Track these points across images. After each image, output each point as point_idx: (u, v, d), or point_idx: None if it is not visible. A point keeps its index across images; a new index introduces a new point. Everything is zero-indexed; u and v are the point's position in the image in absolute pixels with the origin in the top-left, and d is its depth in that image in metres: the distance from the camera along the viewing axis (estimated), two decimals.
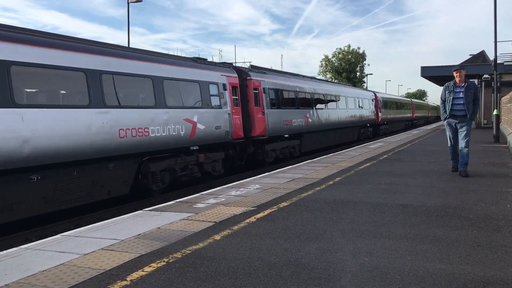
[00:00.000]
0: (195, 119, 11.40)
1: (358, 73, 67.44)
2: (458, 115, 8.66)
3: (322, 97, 20.95)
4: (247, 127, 14.22)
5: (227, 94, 13.15)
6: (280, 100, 16.60)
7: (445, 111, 8.81)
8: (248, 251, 4.11)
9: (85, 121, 8.35)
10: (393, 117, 37.52)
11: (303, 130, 18.20)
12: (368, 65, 71.34)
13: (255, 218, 5.45)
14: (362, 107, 28.04)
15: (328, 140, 21.73)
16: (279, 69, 29.48)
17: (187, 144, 11.14)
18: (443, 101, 8.89)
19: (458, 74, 8.69)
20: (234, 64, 16.26)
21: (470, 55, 41.13)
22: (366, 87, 60.46)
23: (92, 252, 4.20)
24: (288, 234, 4.68)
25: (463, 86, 8.63)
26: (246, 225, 5.10)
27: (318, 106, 20.23)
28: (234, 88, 13.69)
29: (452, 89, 8.72)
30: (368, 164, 10.99)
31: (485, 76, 28.19)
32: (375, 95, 32.64)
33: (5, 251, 4.39)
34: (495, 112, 18.84)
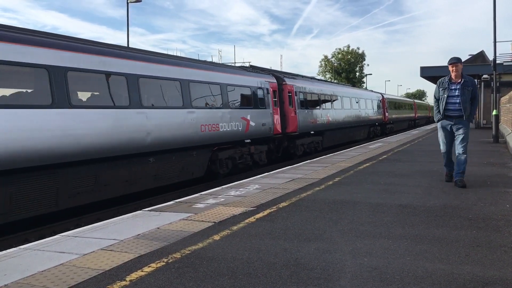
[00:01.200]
0: (248, 117, 14.01)
1: (357, 73, 67.59)
2: (454, 115, 7.53)
3: (339, 99, 23.61)
4: (282, 125, 16.63)
5: (269, 96, 15.77)
6: (307, 101, 19.06)
7: (439, 111, 7.68)
8: (247, 251, 4.11)
9: (180, 118, 10.93)
10: (398, 117, 40.05)
11: (325, 127, 20.79)
12: (368, 65, 71.44)
13: (254, 218, 5.45)
14: (372, 108, 30.40)
15: (345, 137, 24.37)
16: (278, 69, 31.17)
17: (243, 137, 13.71)
18: (437, 100, 7.74)
19: (454, 68, 7.49)
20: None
21: (470, 55, 41.09)
22: (366, 87, 60.67)
23: (92, 252, 4.20)
24: (287, 234, 4.68)
25: (460, 82, 7.47)
26: (246, 225, 5.10)
27: (337, 106, 22.90)
28: (274, 91, 16.29)
29: (446, 85, 7.56)
30: (367, 164, 10.99)
31: (485, 76, 28.19)
32: (383, 96, 34.95)
33: (4, 251, 4.38)
34: (494, 112, 18.83)
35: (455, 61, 7.54)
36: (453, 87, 7.52)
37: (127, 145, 9.16)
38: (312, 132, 19.17)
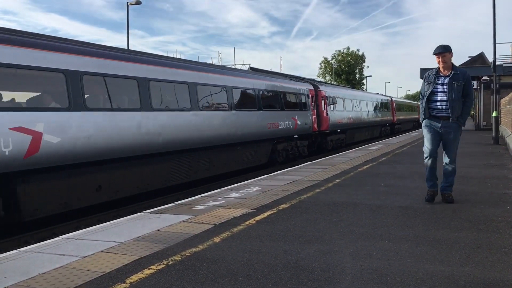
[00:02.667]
0: (296, 118, 17.56)
1: (357, 75, 67.54)
2: (440, 116, 6.08)
3: (358, 102, 27.30)
4: (318, 124, 20.13)
5: (309, 100, 19.34)
6: (335, 105, 22.70)
7: (424, 111, 6.25)
8: (247, 253, 4.11)
9: (256, 118, 14.62)
10: (404, 118, 44.63)
11: (347, 127, 24.39)
12: (368, 67, 71.04)
13: (254, 220, 5.45)
14: (383, 110, 34.33)
15: (362, 135, 28.19)
16: (278, 71, 32.97)
17: (292, 133, 17.30)
18: (423, 97, 6.28)
19: (441, 59, 5.99)
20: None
21: (469, 57, 41.06)
22: (366, 89, 60.81)
23: (92, 254, 4.20)
24: (287, 236, 4.68)
25: (449, 75, 5.99)
26: (246, 227, 5.10)
27: (356, 109, 26.61)
28: (312, 96, 19.88)
29: (432, 79, 6.10)
30: (367, 166, 10.99)
31: (484, 78, 28.21)
32: (391, 99, 39.11)
33: (4, 254, 4.38)
34: (494, 114, 18.84)
35: (441, 50, 5.99)
36: (439, 82, 6.04)
37: (227, 137, 12.83)
38: (338, 131, 22.85)
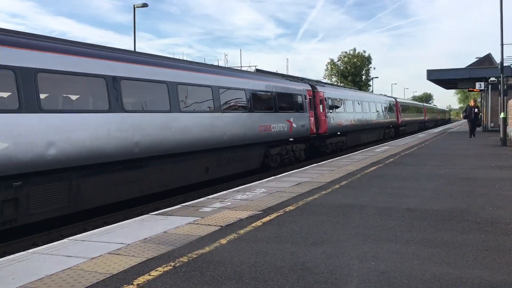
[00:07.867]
0: (387, 116, 31.53)
1: (363, 77, 67.42)
2: None
3: (409, 107, 43.40)
4: (396, 120, 35.00)
5: (393, 106, 34.05)
6: (402, 109, 37.61)
7: None
8: (254, 255, 4.11)
9: (377, 116, 29.32)
10: (410, 120, 51.58)
11: (407, 122, 39.51)
12: (374, 68, 70.95)
13: (261, 222, 5.45)
14: (419, 112, 49.64)
15: (414, 128, 45.00)
16: (285, 73, 35.25)
17: (388, 124, 32.12)
18: None
19: None
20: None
21: (476, 58, 40.81)
22: (372, 91, 60.81)
23: (99, 256, 4.22)
24: (294, 238, 4.67)
25: None
26: (252, 229, 5.10)
27: (409, 113, 41.97)
28: (393, 104, 34.62)
29: None
30: (374, 168, 10.95)
31: (492, 79, 28.03)
32: (424, 106, 55.36)
33: (12, 256, 4.41)
34: (502, 115, 18.71)
35: None
36: None
37: (358, 124, 22.98)
38: (403, 124, 37.72)
